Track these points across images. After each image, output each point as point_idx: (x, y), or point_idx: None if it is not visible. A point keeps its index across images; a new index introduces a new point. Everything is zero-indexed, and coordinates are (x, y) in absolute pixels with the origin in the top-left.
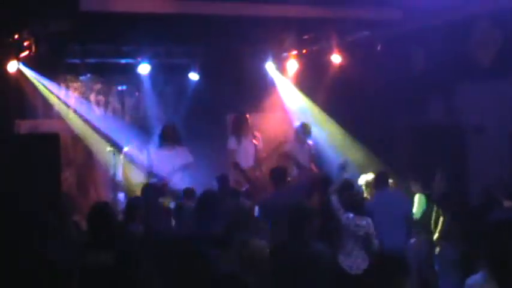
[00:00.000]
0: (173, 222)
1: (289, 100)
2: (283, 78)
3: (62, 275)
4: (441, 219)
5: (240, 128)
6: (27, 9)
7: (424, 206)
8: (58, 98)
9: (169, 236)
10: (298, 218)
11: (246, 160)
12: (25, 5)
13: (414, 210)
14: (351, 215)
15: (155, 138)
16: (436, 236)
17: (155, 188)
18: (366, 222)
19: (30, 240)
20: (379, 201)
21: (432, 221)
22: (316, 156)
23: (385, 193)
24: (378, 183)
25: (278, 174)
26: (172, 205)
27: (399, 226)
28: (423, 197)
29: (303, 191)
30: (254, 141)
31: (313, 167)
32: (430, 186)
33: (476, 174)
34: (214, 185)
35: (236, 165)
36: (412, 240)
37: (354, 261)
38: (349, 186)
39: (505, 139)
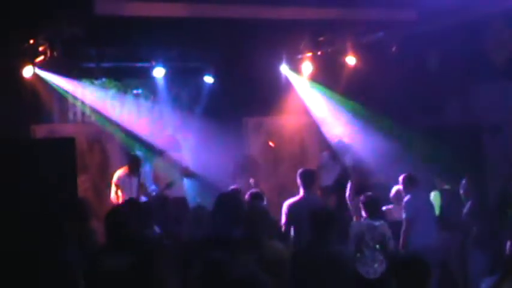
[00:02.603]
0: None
1: (308, 100)
2: (299, 79)
3: (79, 279)
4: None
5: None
6: (42, 14)
7: (439, 201)
8: (74, 101)
9: (186, 239)
10: (323, 222)
11: None
12: (40, 9)
13: None
14: (363, 218)
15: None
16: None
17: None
18: (380, 223)
19: (48, 244)
20: (410, 203)
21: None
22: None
23: (414, 195)
24: (409, 185)
25: (308, 177)
26: None
27: (430, 225)
28: (438, 194)
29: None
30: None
31: None
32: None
33: (493, 173)
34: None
35: None
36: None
37: (371, 266)
38: (365, 188)
39: None
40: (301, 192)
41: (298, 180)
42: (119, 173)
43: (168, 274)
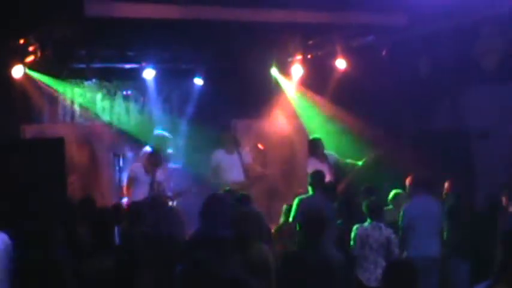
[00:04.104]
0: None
1: (295, 105)
2: (289, 82)
3: (69, 278)
4: (445, 233)
5: (224, 143)
6: (33, 14)
7: None
8: (64, 102)
9: (174, 239)
10: (315, 226)
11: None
12: (30, 10)
13: None
14: (366, 223)
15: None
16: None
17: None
18: (385, 226)
19: (38, 244)
20: (416, 206)
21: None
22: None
23: (421, 199)
24: (413, 187)
25: (317, 178)
26: None
27: (433, 234)
28: None
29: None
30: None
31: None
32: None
33: (482, 179)
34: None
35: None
36: None
37: (373, 273)
38: (370, 192)
39: (511, 144)
40: (311, 191)
41: (308, 181)
42: (136, 167)
43: (154, 274)
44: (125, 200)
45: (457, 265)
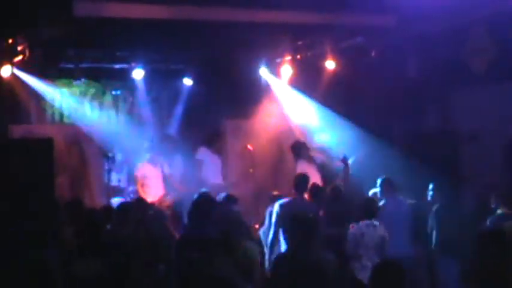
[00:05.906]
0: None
1: (284, 105)
2: (279, 83)
3: (58, 278)
4: (434, 232)
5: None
6: (21, 14)
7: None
8: (52, 102)
9: (162, 239)
10: (304, 228)
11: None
12: (18, 10)
13: None
14: (362, 223)
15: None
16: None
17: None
18: (379, 224)
19: (26, 246)
20: (385, 208)
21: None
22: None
23: (392, 200)
24: (385, 189)
25: (300, 181)
26: None
27: (404, 234)
28: None
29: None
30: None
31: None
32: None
33: (471, 179)
34: None
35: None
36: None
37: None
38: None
39: (499, 146)
40: (294, 195)
41: (293, 184)
42: (141, 166)
43: (144, 274)
44: (115, 200)
45: (446, 265)
